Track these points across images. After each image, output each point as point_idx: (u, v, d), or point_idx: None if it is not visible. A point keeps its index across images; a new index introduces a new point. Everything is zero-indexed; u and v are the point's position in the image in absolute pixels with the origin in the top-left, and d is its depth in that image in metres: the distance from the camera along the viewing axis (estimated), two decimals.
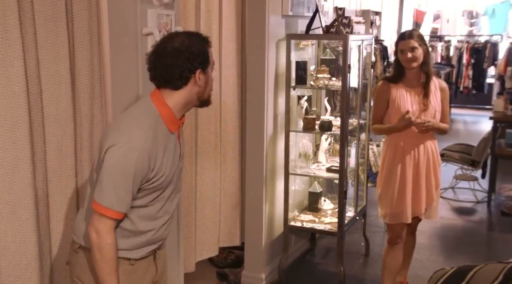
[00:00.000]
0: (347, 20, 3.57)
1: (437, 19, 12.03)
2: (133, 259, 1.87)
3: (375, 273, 3.73)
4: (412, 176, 3.07)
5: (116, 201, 1.72)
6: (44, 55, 2.08)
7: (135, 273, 1.88)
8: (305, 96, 3.67)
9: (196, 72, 1.78)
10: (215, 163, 3.55)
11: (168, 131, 1.82)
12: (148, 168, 1.74)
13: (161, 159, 1.79)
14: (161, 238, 1.95)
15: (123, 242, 1.82)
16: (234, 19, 3.58)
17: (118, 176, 1.71)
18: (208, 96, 1.89)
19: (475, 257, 4.00)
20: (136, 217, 1.82)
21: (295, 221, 3.72)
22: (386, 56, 7.31)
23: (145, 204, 1.83)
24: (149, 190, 1.80)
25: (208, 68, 1.83)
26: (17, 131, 1.97)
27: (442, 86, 3.14)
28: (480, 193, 5.69)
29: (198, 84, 1.81)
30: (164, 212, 1.91)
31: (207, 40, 1.83)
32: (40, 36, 2.05)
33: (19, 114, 1.97)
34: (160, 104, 1.80)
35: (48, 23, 2.07)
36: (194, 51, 1.76)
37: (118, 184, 1.71)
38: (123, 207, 1.74)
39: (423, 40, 3.04)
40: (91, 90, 2.29)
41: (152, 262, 1.96)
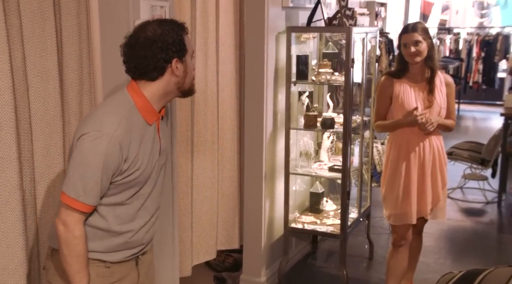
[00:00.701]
0: (350, 11, 3.56)
1: (446, 10, 12.01)
2: (109, 262, 1.83)
3: (379, 276, 3.73)
4: (418, 175, 3.07)
5: (83, 191, 1.68)
6: (31, 49, 2.07)
7: (111, 277, 1.85)
8: (306, 92, 3.67)
9: (172, 62, 1.76)
10: (212, 162, 3.54)
11: (144, 122, 1.80)
12: (120, 158, 1.70)
13: (136, 151, 1.75)
14: (140, 242, 1.90)
15: (97, 243, 1.79)
16: (232, 11, 3.57)
17: (86, 165, 1.68)
18: (190, 86, 1.87)
19: (484, 261, 3.99)
20: (112, 216, 1.79)
21: (296, 223, 3.71)
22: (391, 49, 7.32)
23: (121, 201, 1.80)
24: (125, 185, 1.77)
25: (186, 57, 1.80)
26: (2, 129, 1.97)
27: (448, 80, 3.13)
28: (490, 193, 5.69)
29: (176, 74, 1.78)
30: (144, 211, 1.87)
31: (182, 27, 1.80)
32: (26, 29, 2.04)
33: (4, 111, 1.97)
34: (136, 94, 1.79)
35: (34, 15, 2.06)
36: (167, 39, 1.74)
37: (86, 174, 1.68)
38: (91, 199, 1.71)
39: (428, 34, 3.02)
40: (80, 86, 2.29)
41: (133, 268, 1.92)
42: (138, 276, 1.94)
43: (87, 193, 1.69)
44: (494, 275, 2.42)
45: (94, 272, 1.80)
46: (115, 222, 1.81)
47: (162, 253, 2.55)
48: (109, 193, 1.77)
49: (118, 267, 1.86)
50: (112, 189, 1.76)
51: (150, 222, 1.92)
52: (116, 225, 1.81)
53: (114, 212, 1.80)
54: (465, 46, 10.42)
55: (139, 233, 1.88)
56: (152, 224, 1.95)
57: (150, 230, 1.94)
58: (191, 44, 1.84)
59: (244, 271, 3.65)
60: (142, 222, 1.88)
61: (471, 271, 2.50)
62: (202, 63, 3.36)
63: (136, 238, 1.87)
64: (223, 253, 3.88)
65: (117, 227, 1.81)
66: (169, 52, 1.75)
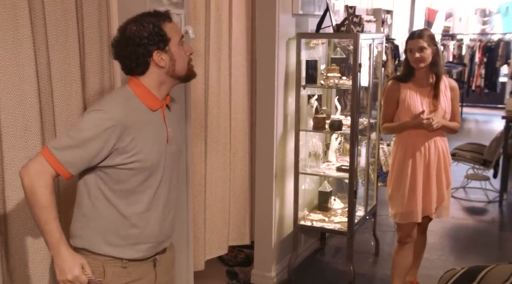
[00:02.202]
0: (357, 18, 3.54)
1: (449, 17, 11.93)
2: (126, 259, 1.77)
3: (385, 272, 3.71)
4: (423, 175, 3.05)
5: (61, 148, 1.63)
6: (55, 55, 2.09)
7: (127, 276, 1.79)
8: (315, 95, 3.66)
9: (153, 55, 1.71)
10: (224, 162, 3.55)
11: (147, 108, 1.75)
12: (116, 138, 1.66)
13: (137, 133, 1.70)
14: (156, 237, 1.82)
15: (111, 237, 1.75)
16: (244, 19, 3.58)
17: (79, 129, 1.66)
18: (187, 71, 1.79)
19: (486, 258, 3.96)
20: (124, 204, 1.74)
21: (305, 220, 3.71)
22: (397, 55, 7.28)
23: (132, 188, 1.74)
24: (132, 171, 1.71)
25: (170, 45, 1.72)
26: (29, 130, 1.99)
27: (452, 85, 3.11)
28: (492, 193, 5.64)
29: (161, 65, 1.73)
30: (157, 201, 1.80)
31: (161, 16, 1.72)
32: (51, 36, 2.06)
33: (30, 113, 1.99)
34: (135, 85, 1.76)
35: (58, 23, 2.08)
36: (142, 34, 1.69)
37: (74, 136, 1.65)
38: (67, 161, 1.63)
39: (433, 40, 3.00)
40: (101, 89, 2.30)
41: (151, 269, 1.86)
42: (156, 277, 1.88)
43: (65, 154, 1.63)
44: (495, 272, 2.40)
45: (111, 271, 1.76)
46: (128, 211, 1.75)
47: (177, 248, 2.56)
48: (119, 179, 1.72)
49: (134, 267, 1.80)
50: (120, 175, 1.71)
51: (164, 216, 1.84)
52: (128, 213, 1.75)
53: (126, 200, 1.74)
54: (468, 52, 10.34)
55: (153, 226, 1.80)
56: (167, 219, 1.86)
57: (166, 226, 1.86)
58: (176, 30, 1.75)
59: (255, 266, 3.65)
60: (155, 214, 1.81)
61: (473, 267, 2.48)
62: (216, 67, 3.37)
63: (150, 231, 1.80)
64: (235, 248, 3.88)
65: (130, 215, 1.75)
66: (147, 46, 1.69)
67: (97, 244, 1.75)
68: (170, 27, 1.74)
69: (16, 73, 1.94)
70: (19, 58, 1.93)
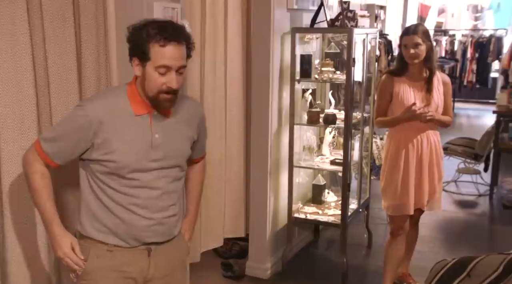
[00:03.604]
0: (351, 13, 3.55)
1: (442, 13, 11.94)
2: (111, 244, 1.81)
3: (377, 264, 3.73)
4: (415, 169, 3.07)
5: (47, 141, 1.77)
6: (52, 48, 2.09)
7: (112, 260, 1.82)
8: (309, 90, 3.66)
9: (132, 59, 1.75)
10: (220, 155, 3.55)
11: (131, 111, 1.77)
12: (92, 134, 1.73)
13: (112, 133, 1.73)
14: (137, 231, 1.81)
15: (99, 223, 1.81)
16: (239, 14, 3.57)
17: (63, 122, 1.82)
18: (153, 95, 1.74)
19: (476, 249, 3.98)
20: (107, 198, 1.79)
21: (299, 213, 3.72)
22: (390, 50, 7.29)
23: (112, 184, 1.78)
24: (107, 168, 1.75)
25: (147, 65, 1.70)
26: (25, 122, 1.99)
27: (445, 80, 3.13)
28: (483, 187, 5.68)
29: (136, 73, 1.76)
30: (139, 201, 1.80)
31: (160, 35, 1.68)
32: (48, 29, 2.06)
33: (27, 105, 1.99)
34: (130, 85, 1.81)
35: (55, 16, 2.07)
36: (132, 38, 1.73)
37: (58, 127, 1.82)
38: (51, 153, 1.76)
39: (428, 36, 3.00)
40: (98, 82, 2.30)
41: (144, 258, 1.85)
42: (149, 266, 1.86)
43: (48, 142, 1.77)
44: (485, 262, 2.43)
45: (95, 253, 1.81)
46: (110, 203, 1.79)
47: None
48: (100, 173, 1.77)
49: (121, 252, 1.82)
50: (100, 169, 1.76)
51: (150, 217, 1.83)
52: (110, 205, 1.79)
53: (108, 194, 1.79)
54: (460, 47, 10.36)
55: (135, 222, 1.81)
56: (154, 219, 1.83)
57: (153, 225, 1.84)
58: (164, 56, 1.68)
59: (250, 258, 3.66)
60: (138, 212, 1.80)
61: (464, 258, 2.51)
62: (211, 62, 3.36)
63: (133, 226, 1.81)
64: (230, 241, 3.89)
65: (112, 207, 1.79)
66: (130, 49, 1.74)
67: (86, 228, 1.84)
68: (158, 51, 1.68)
69: (13, 66, 1.93)
70: (16, 51, 1.93)
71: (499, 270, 2.35)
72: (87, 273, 1.80)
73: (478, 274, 2.40)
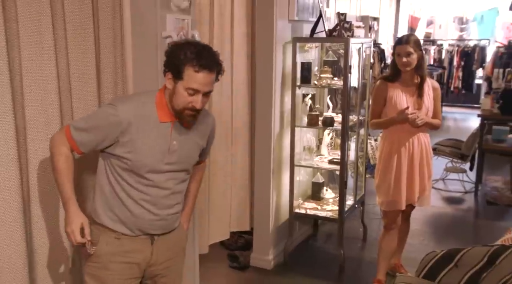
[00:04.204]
0: (348, 24, 3.55)
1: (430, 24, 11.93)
2: (119, 232, 1.86)
3: (372, 256, 3.73)
4: (407, 167, 3.07)
5: (77, 130, 1.78)
6: (73, 57, 2.09)
7: (120, 246, 1.86)
8: (309, 94, 3.67)
9: (166, 73, 1.79)
10: (226, 155, 3.56)
11: (156, 117, 1.81)
12: (119, 132, 1.76)
13: (137, 134, 1.78)
14: (144, 224, 1.87)
15: (110, 212, 1.85)
16: (244, 24, 3.58)
17: (93, 115, 1.86)
18: (179, 110, 1.79)
19: (462, 242, 3.98)
20: (121, 190, 1.83)
21: (299, 209, 3.72)
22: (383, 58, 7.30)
23: (128, 180, 1.82)
24: (126, 165, 1.79)
25: (179, 82, 1.74)
26: (50, 125, 2.00)
27: (435, 85, 3.13)
28: (468, 184, 5.67)
29: (167, 85, 1.80)
30: (150, 199, 1.85)
31: (197, 60, 1.71)
32: (70, 40, 2.07)
33: (51, 110, 2.00)
34: (159, 93, 1.86)
35: (77, 28, 2.08)
36: (171, 55, 1.76)
37: (88, 119, 1.83)
38: (78, 141, 1.78)
39: (419, 46, 3.00)
40: (115, 88, 2.31)
41: (147, 246, 1.91)
42: (152, 253, 1.92)
43: (78, 131, 1.79)
44: (471, 253, 2.44)
45: (104, 240, 1.86)
46: (123, 196, 1.83)
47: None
48: (119, 168, 1.81)
49: (128, 240, 1.87)
50: (120, 164, 1.80)
51: (157, 214, 1.88)
52: (124, 197, 1.83)
53: (123, 188, 1.83)
54: (447, 56, 10.36)
55: (143, 216, 1.86)
56: (160, 216, 1.89)
57: (159, 222, 1.89)
58: (196, 81, 1.72)
59: (254, 250, 3.67)
60: (147, 208, 1.85)
61: (452, 250, 2.51)
62: None
63: (140, 219, 1.86)
64: (236, 234, 3.89)
65: (125, 199, 1.83)
66: (167, 64, 1.78)
67: (99, 215, 1.88)
68: (192, 74, 1.72)
69: (39, 74, 1.94)
70: (42, 60, 1.94)
71: (484, 260, 2.36)
72: (96, 256, 1.85)
73: (464, 264, 2.40)
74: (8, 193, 1.85)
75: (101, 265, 1.86)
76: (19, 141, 1.90)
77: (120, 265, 1.87)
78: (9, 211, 1.86)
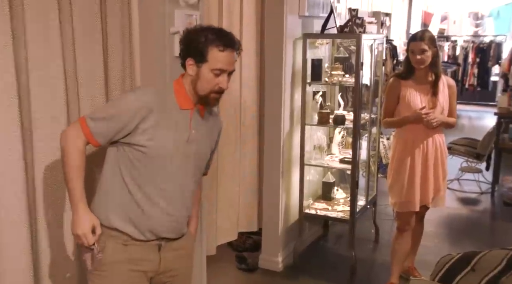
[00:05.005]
0: (360, 20, 3.54)
1: (444, 20, 11.85)
2: (127, 236, 1.80)
3: (384, 258, 3.72)
4: (421, 167, 3.05)
5: (95, 120, 1.75)
6: (81, 54, 2.10)
7: (126, 254, 1.81)
8: (320, 92, 3.66)
9: (187, 60, 1.80)
10: (235, 154, 3.56)
11: (176, 104, 1.82)
12: (140, 118, 1.74)
13: (158, 120, 1.76)
14: (156, 223, 1.82)
15: (119, 211, 1.80)
16: (253, 21, 3.58)
17: (113, 104, 1.87)
18: (205, 94, 1.81)
19: (479, 244, 3.96)
20: (134, 185, 1.79)
21: (309, 209, 3.72)
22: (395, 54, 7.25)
23: (144, 172, 1.78)
24: (144, 154, 1.76)
25: (203, 65, 1.77)
26: (56, 122, 2.01)
27: (450, 83, 3.11)
28: (484, 185, 5.63)
29: (189, 73, 1.81)
30: (165, 193, 1.81)
31: (218, 40, 1.76)
32: (78, 37, 2.08)
33: (58, 107, 2.01)
34: (177, 82, 1.86)
35: (84, 25, 2.09)
36: (191, 41, 1.78)
37: (108, 109, 1.81)
38: (96, 132, 1.74)
39: (434, 43, 2.96)
40: (122, 85, 2.32)
41: (155, 253, 1.87)
42: (160, 261, 1.88)
43: (96, 122, 1.75)
44: (488, 257, 2.41)
45: (111, 247, 1.80)
46: (136, 191, 1.79)
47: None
48: (134, 159, 1.77)
49: (135, 247, 1.82)
50: (136, 155, 1.76)
51: (171, 210, 1.85)
52: (136, 193, 1.79)
53: (137, 181, 1.79)
54: (462, 53, 10.28)
55: (156, 214, 1.81)
56: (173, 215, 1.86)
57: (171, 220, 1.86)
58: (221, 61, 1.76)
59: (263, 251, 3.67)
60: (160, 204, 1.82)
61: (468, 253, 2.49)
62: None
63: (153, 217, 1.81)
64: (244, 235, 3.90)
65: (137, 195, 1.79)
66: (187, 50, 1.80)
67: (107, 216, 1.81)
68: (217, 54, 1.76)
69: (46, 71, 1.95)
70: (49, 57, 1.95)
71: (502, 264, 2.33)
72: (102, 264, 1.79)
73: (482, 268, 2.38)
74: (13, 193, 1.86)
75: (106, 273, 1.80)
76: (25, 140, 1.92)
77: (127, 273, 1.82)
78: (14, 212, 1.87)
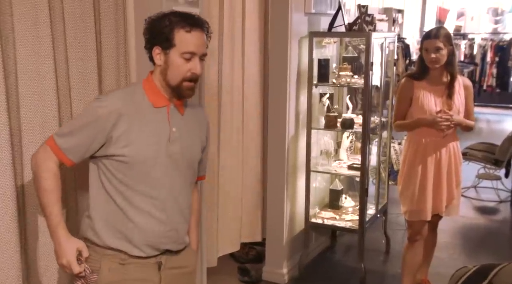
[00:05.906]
0: (370, 17, 3.54)
1: (461, 16, 11.83)
2: (124, 254, 1.76)
3: (395, 270, 3.71)
4: (434, 174, 3.04)
5: (63, 136, 1.73)
6: (73, 53, 2.11)
7: (124, 274, 1.76)
8: (327, 94, 3.66)
9: (153, 49, 1.77)
10: (237, 159, 3.56)
11: (150, 104, 1.78)
12: (111, 126, 1.71)
13: (131, 124, 1.73)
14: (152, 235, 1.78)
15: (112, 228, 1.76)
16: (257, 17, 3.59)
17: (79, 116, 1.82)
18: (177, 84, 1.76)
19: (497, 257, 3.94)
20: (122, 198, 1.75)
21: (316, 218, 3.72)
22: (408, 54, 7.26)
23: (128, 182, 1.75)
24: (124, 164, 1.72)
25: (171, 51, 1.74)
26: (47, 126, 2.01)
27: (466, 83, 3.10)
28: (503, 193, 5.61)
29: (157, 63, 1.78)
30: (155, 201, 1.78)
31: (183, 21, 1.72)
32: (69, 34, 2.08)
33: (49, 110, 2.01)
34: (147, 80, 1.83)
35: (77, 22, 2.10)
36: (154, 28, 1.76)
37: (74, 122, 1.79)
38: (66, 148, 1.72)
39: (450, 40, 2.96)
40: (117, 86, 2.32)
41: (154, 272, 1.82)
42: (160, 280, 1.83)
43: (64, 138, 1.74)
44: (507, 270, 2.39)
45: (107, 267, 1.75)
46: (124, 205, 1.76)
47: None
48: (116, 171, 1.74)
49: (133, 266, 1.78)
50: (116, 167, 1.73)
51: (165, 218, 1.80)
52: (125, 207, 1.75)
53: (123, 194, 1.76)
54: (480, 51, 10.27)
55: (150, 225, 1.78)
56: (169, 223, 1.81)
57: (168, 229, 1.82)
58: (189, 43, 1.72)
59: (266, 263, 3.67)
60: (153, 213, 1.78)
61: (485, 265, 2.47)
62: (229, 65, 3.39)
63: (147, 229, 1.77)
64: (247, 245, 3.89)
65: (127, 209, 1.75)
66: (151, 39, 1.77)
67: (99, 235, 1.77)
68: (184, 36, 1.72)
69: (35, 70, 1.96)
70: (39, 56, 1.96)
71: None
72: None
73: (500, 282, 2.36)
74: (2, 201, 1.87)
75: None
76: (14, 144, 1.92)
77: None
78: (2, 221, 1.88)
